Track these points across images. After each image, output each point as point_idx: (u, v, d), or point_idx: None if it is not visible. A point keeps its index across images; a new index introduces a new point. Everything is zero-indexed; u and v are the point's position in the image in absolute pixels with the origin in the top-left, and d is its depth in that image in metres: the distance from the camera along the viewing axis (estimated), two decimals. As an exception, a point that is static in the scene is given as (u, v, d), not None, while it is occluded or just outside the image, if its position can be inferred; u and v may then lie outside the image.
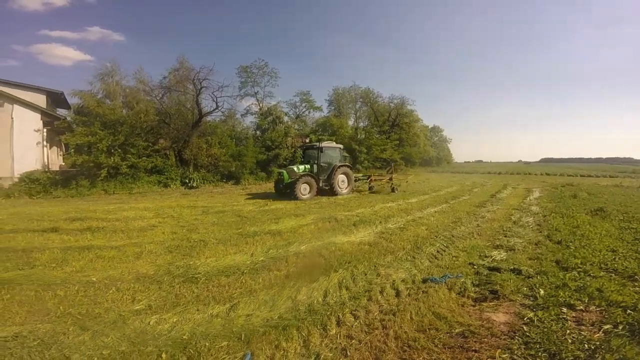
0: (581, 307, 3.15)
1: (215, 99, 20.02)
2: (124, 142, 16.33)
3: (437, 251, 5.12)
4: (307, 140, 24.98)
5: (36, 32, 60.46)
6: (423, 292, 3.53)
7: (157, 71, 42.00)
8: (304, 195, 11.82)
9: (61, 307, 3.25)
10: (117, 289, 3.67)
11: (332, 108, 32.11)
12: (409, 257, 4.84)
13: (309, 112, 28.50)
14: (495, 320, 2.96)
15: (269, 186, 17.05)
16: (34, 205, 10.46)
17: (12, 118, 15.72)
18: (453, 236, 6.07)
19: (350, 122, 31.73)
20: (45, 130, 16.79)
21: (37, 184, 14.10)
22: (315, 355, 2.44)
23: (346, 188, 13.02)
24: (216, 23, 65.90)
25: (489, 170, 38.95)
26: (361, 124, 33.04)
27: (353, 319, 2.96)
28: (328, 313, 3.06)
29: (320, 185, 12.54)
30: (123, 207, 9.88)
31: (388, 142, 28.60)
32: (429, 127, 43.87)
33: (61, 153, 20.80)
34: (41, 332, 2.77)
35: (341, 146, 14.28)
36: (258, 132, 24.55)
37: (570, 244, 5.35)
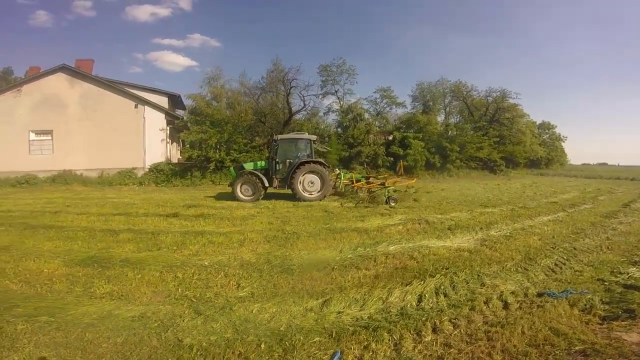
0: None
1: (302, 98, 21.02)
2: (228, 139, 18.50)
3: (555, 264, 4.46)
4: (391, 138, 24.23)
5: (150, 40, 71.21)
6: (538, 306, 3.12)
7: (250, 74, 46.10)
8: (245, 196, 10.33)
9: (179, 289, 3.58)
10: (225, 274, 4.01)
11: (417, 104, 30.34)
12: (520, 268, 4.30)
13: (391, 109, 27.48)
14: (626, 340, 2.51)
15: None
16: (158, 193, 12.54)
17: (144, 118, 19.10)
18: (575, 249, 5.18)
19: (440, 118, 29.48)
20: (168, 128, 19.92)
21: (161, 174, 17.15)
22: (408, 360, 2.28)
23: (317, 192, 10.30)
24: (299, 22, 68.80)
25: (617, 174, 31.80)
26: (452, 120, 30.48)
27: (452, 328, 2.74)
28: (423, 318, 2.88)
29: (275, 185, 10.53)
30: (227, 196, 11.03)
31: (485, 139, 25.58)
32: (537, 123, 37.45)
33: (179, 148, 24.45)
34: (162, 314, 3.01)
35: (312, 137, 11.23)
36: (339, 130, 24.84)
37: None
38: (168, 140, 20.15)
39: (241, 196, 10.35)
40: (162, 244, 5.31)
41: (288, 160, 10.61)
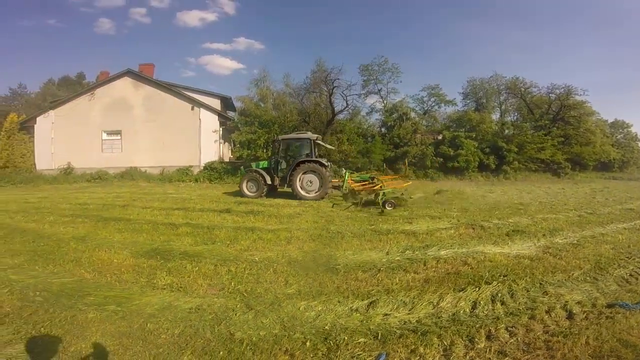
0: None
1: (345, 98, 20.96)
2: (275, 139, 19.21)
3: (630, 274, 4.01)
4: (440, 137, 23.17)
5: (201, 45, 74.54)
6: (607, 317, 2.88)
7: (294, 74, 47.20)
8: (250, 192, 10.81)
9: (232, 283, 3.71)
10: (274, 270, 4.12)
11: (469, 101, 28.58)
12: (589, 278, 3.93)
13: (439, 107, 26.21)
14: None
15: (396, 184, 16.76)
16: (212, 189, 13.35)
17: (199, 119, 20.47)
18: (657, 260, 4.54)
19: (494, 117, 27.48)
20: (220, 129, 21.12)
21: (215, 172, 18.29)
22: (458, 366, 2.18)
23: (315, 191, 10.26)
24: (341, 22, 68.41)
25: None
26: (509, 118, 28.23)
27: (508, 336, 2.61)
28: (477, 325, 2.76)
29: (276, 183, 10.78)
30: (274, 194, 11.37)
31: (548, 139, 23.17)
32: (608, 121, 33.15)
33: (230, 148, 25.77)
34: (216, 307, 3.12)
35: (313, 137, 11.22)
36: (384, 130, 24.31)
37: None
38: (221, 140, 21.36)
39: (246, 192, 10.89)
40: (217, 238, 5.61)
41: (289, 159, 10.85)
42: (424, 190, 13.27)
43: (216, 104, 22.50)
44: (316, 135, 11.71)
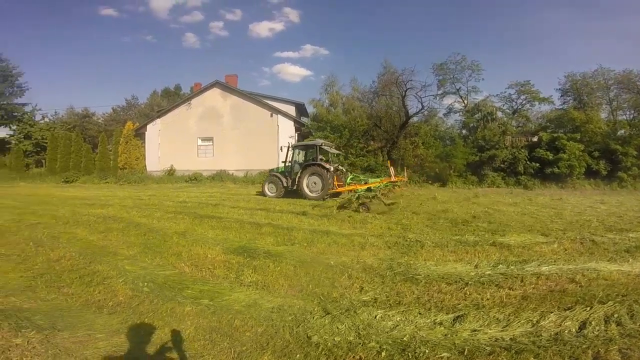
0: None
1: (420, 100, 19.96)
2: (346, 144, 19.20)
3: None
4: (535, 139, 20.42)
5: (272, 54, 78.53)
6: None
7: (360, 78, 46.87)
8: (270, 192, 12.31)
9: (310, 286, 3.77)
10: (348, 275, 4.10)
11: (568, 98, 24.56)
12: None
13: (531, 105, 23.03)
14: None
15: (479, 191, 15.33)
16: (289, 192, 13.91)
17: (277, 125, 21.76)
18: None
19: (603, 115, 23.10)
20: (296, 134, 22.13)
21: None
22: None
23: (318, 192, 11.15)
24: (408, 22, 65.38)
25: None
26: (622, 117, 23.44)
27: (620, 358, 2.30)
28: (583, 346, 2.45)
29: (285, 184, 12.05)
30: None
31: (678, 140, 18.73)
32: None
33: (304, 152, 26.83)
34: (295, 308, 3.19)
35: (318, 143, 12.32)
36: (464, 132, 22.49)
37: None
38: (296, 145, 22.40)
39: (267, 192, 12.45)
40: (295, 240, 5.82)
41: (297, 163, 12.13)
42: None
43: (291, 110, 23.67)
44: (322, 142, 12.82)
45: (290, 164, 12.34)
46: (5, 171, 25.97)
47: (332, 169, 11.32)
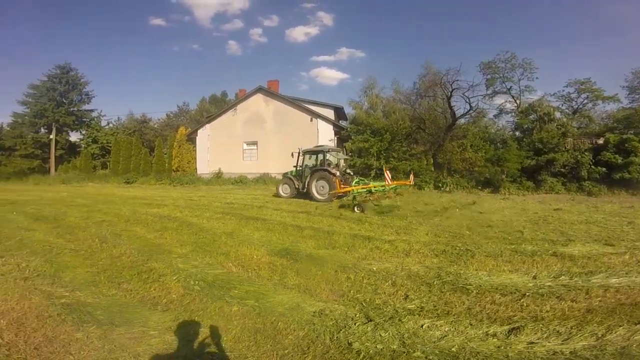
0: None
1: (467, 100, 18.87)
2: (387, 148, 18.79)
3: None
4: (601, 142, 18.34)
5: (309, 58, 79.18)
6: None
7: (399, 79, 45.53)
8: (284, 193, 13.36)
9: (352, 291, 3.73)
10: (392, 283, 4.00)
11: (638, 96, 21.80)
12: None
13: (594, 105, 20.83)
14: None
15: (535, 197, 14.11)
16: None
17: (317, 129, 22.00)
18: None
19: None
20: (335, 138, 22.18)
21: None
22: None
23: (325, 195, 12.01)
24: (448, 22, 62.33)
25: None
26: None
27: None
28: None
29: (297, 186, 13.03)
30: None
31: None
32: None
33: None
34: (337, 313, 3.17)
35: (325, 149, 13.32)
36: (518, 133, 20.90)
37: None
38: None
39: (282, 193, 13.48)
40: (336, 244, 5.80)
41: (308, 167, 13.06)
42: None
43: (330, 114, 23.81)
44: (329, 148, 13.94)
45: (301, 168, 13.40)
46: (76, 172, 29.11)
47: (338, 173, 12.22)
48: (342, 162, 13.96)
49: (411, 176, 12.95)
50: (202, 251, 5.40)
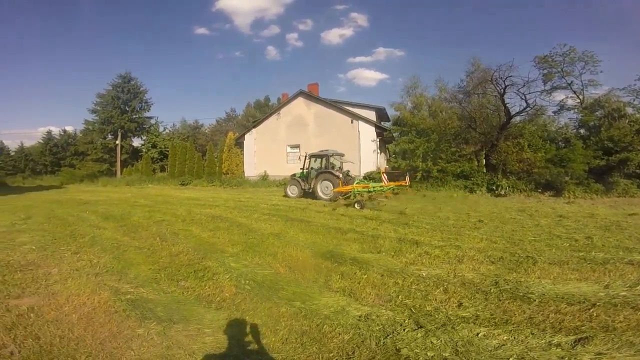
0: None
1: (523, 97, 17.41)
2: (435, 149, 18.01)
3: None
4: None
5: (345, 60, 78.97)
6: None
7: (443, 77, 42.97)
8: (292, 194, 14.36)
9: (400, 297, 3.63)
10: (444, 289, 3.82)
11: None
12: None
13: None
14: None
15: (606, 201, 12.63)
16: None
17: (358, 131, 21.82)
18: None
19: None
20: (377, 139, 21.82)
21: (373, 182, 18.83)
22: None
23: (328, 194, 13.01)
24: (491, 16, 57.58)
25: None
26: None
27: None
28: None
29: (304, 187, 14.09)
30: (429, 207, 10.78)
31: None
32: None
33: (386, 158, 26.25)
34: (384, 318, 3.11)
35: (329, 153, 14.21)
36: (583, 131, 18.92)
37: None
38: (377, 150, 22.05)
39: (289, 194, 14.51)
40: (382, 248, 5.69)
41: (313, 170, 14.12)
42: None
43: (371, 115, 23.43)
44: (332, 152, 14.66)
45: (307, 170, 14.41)
46: (138, 175, 31.98)
47: (341, 175, 13.05)
48: (344, 165, 15.14)
49: (407, 177, 12.57)
50: (252, 251, 5.57)
